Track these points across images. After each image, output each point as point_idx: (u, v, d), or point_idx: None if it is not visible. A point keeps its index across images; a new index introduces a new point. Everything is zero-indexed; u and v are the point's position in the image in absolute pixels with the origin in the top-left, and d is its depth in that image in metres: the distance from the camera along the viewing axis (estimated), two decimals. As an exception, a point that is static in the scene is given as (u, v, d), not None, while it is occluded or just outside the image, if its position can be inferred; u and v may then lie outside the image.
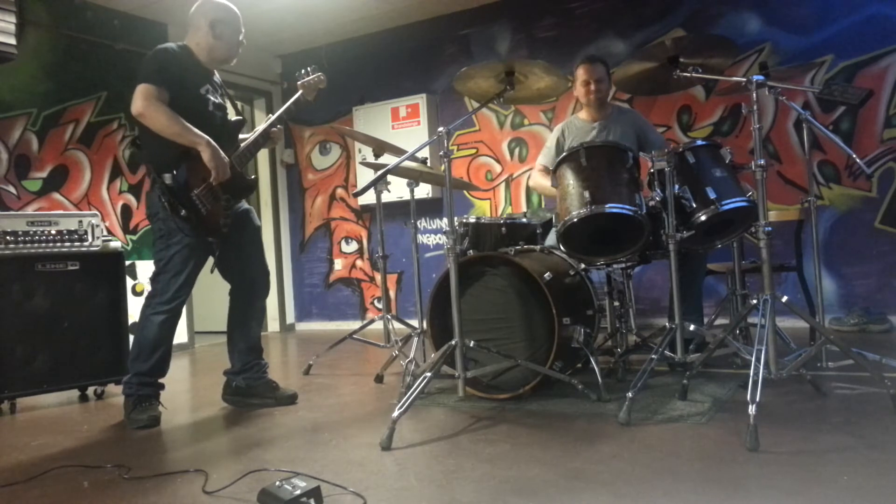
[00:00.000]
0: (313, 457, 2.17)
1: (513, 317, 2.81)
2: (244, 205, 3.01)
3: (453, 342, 2.50)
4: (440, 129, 2.56)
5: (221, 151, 2.71)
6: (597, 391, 2.65)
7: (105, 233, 3.53)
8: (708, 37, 3.73)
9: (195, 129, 2.66)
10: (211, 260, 2.92)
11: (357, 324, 4.89)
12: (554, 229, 2.96)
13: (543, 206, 5.36)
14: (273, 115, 3.04)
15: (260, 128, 3.00)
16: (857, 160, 2.83)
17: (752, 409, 1.99)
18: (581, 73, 3.52)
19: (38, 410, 3.20)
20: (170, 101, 2.66)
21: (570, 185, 2.71)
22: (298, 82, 3.07)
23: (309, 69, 3.11)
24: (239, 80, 5.88)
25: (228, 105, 2.98)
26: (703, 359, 2.59)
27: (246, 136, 3.00)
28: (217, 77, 2.95)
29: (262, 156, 6.43)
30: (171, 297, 2.74)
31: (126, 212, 5.03)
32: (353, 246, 6.26)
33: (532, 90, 2.92)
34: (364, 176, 5.90)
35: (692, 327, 2.71)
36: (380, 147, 3.57)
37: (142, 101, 2.61)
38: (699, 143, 2.78)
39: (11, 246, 3.19)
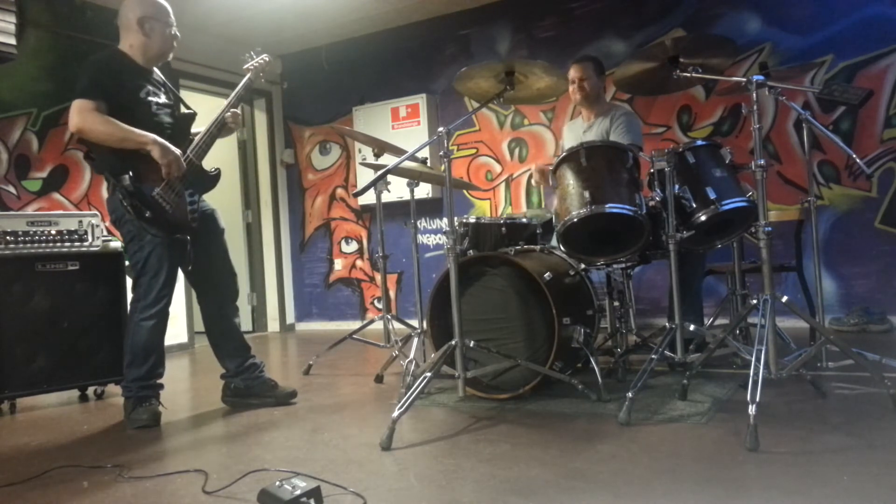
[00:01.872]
0: (313, 457, 2.17)
1: (513, 317, 2.81)
2: (208, 205, 2.96)
3: (453, 342, 2.50)
4: (440, 129, 2.56)
5: (171, 146, 2.68)
6: (597, 391, 2.65)
7: (105, 233, 3.53)
8: (708, 37, 3.73)
9: (138, 130, 2.63)
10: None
11: (357, 324, 4.89)
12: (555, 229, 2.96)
13: (543, 206, 5.36)
14: (226, 101, 2.99)
15: (214, 118, 2.93)
16: (857, 160, 2.83)
17: (752, 409, 1.99)
18: (570, 74, 3.56)
19: (38, 410, 3.20)
20: (110, 111, 2.62)
21: (570, 185, 2.71)
22: (245, 66, 3.07)
23: (253, 52, 3.11)
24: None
25: (175, 101, 2.93)
26: (703, 359, 2.59)
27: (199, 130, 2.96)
28: (158, 75, 2.91)
29: (262, 156, 6.44)
30: (155, 298, 2.72)
31: (126, 212, 5.02)
32: (353, 246, 6.26)
33: (532, 90, 2.92)
34: (364, 176, 5.90)
35: (692, 327, 2.71)
36: (380, 147, 3.57)
37: (77, 116, 2.59)
38: (699, 143, 2.78)
39: (11, 246, 3.19)
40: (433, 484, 1.85)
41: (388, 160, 3.26)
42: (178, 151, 2.70)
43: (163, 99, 2.85)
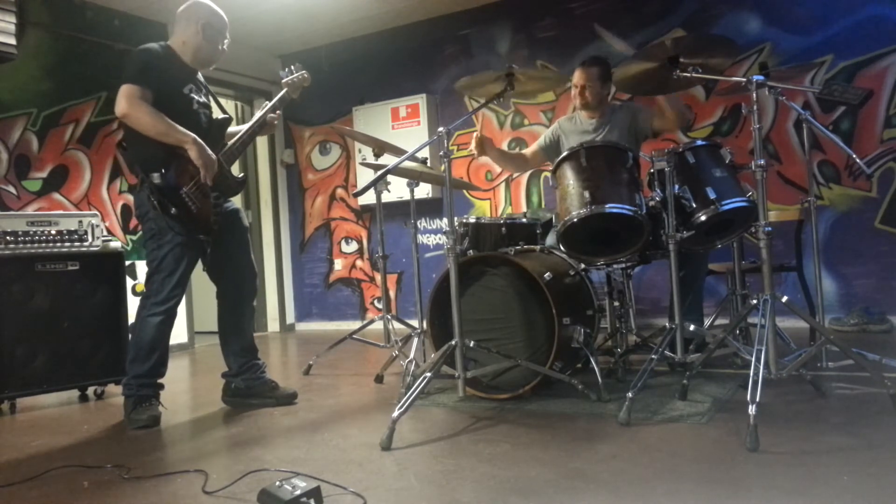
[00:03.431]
0: (313, 457, 2.17)
1: (513, 317, 2.81)
2: (233, 204, 3.00)
3: (453, 342, 2.50)
4: (440, 129, 2.56)
5: (208, 148, 2.71)
6: (597, 391, 2.65)
7: (105, 233, 3.53)
8: (708, 37, 3.73)
9: (181, 127, 2.66)
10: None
11: (357, 324, 4.89)
12: (554, 229, 2.96)
13: (543, 206, 5.36)
14: (259, 112, 3.02)
15: (246, 126, 2.99)
16: (857, 160, 2.83)
17: (752, 409, 1.99)
18: (573, 78, 3.49)
19: (38, 410, 3.20)
20: (154, 101, 2.65)
21: (570, 185, 2.71)
22: (283, 80, 3.09)
23: (292, 67, 3.12)
24: (239, 80, 5.89)
25: (213, 104, 2.97)
26: (703, 359, 2.58)
27: (236, 130, 3.00)
28: (200, 76, 2.94)
29: (262, 156, 6.44)
30: (165, 297, 2.74)
31: (126, 212, 5.02)
32: (353, 246, 6.26)
33: (534, 85, 2.92)
34: (364, 176, 5.90)
35: (692, 327, 2.71)
36: (380, 147, 3.57)
37: (125, 101, 2.60)
38: (699, 143, 2.78)
39: (11, 246, 3.19)
40: (433, 484, 1.85)
41: (388, 160, 3.26)
42: (213, 155, 2.73)
43: (203, 99, 2.88)
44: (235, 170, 2.99)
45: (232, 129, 3.02)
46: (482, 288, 2.88)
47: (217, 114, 2.96)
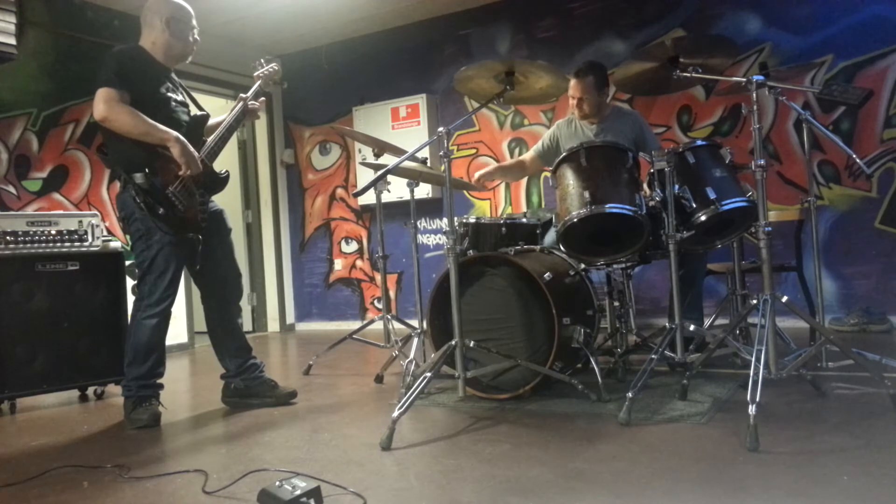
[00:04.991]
0: (313, 457, 2.17)
1: (513, 317, 2.81)
2: (216, 205, 2.98)
3: (453, 342, 2.50)
4: (440, 129, 2.56)
5: (190, 146, 2.70)
6: (597, 391, 2.65)
7: (105, 233, 3.53)
8: (708, 37, 3.74)
9: (161, 125, 2.64)
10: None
11: (357, 324, 4.89)
12: (553, 228, 2.96)
13: (543, 206, 5.36)
14: (234, 108, 3.00)
15: (225, 122, 2.97)
16: (857, 160, 2.84)
17: (752, 409, 1.99)
18: (569, 88, 3.40)
19: (38, 410, 3.20)
20: (131, 103, 2.63)
21: (570, 185, 2.71)
22: (255, 73, 3.10)
23: (263, 60, 3.14)
24: (239, 79, 5.88)
25: (189, 101, 2.96)
26: (703, 359, 2.59)
27: (216, 122, 3.00)
28: (174, 75, 2.92)
29: (262, 156, 6.44)
30: (159, 298, 2.73)
31: (126, 212, 5.02)
32: (353, 246, 6.26)
33: (533, 90, 2.92)
34: (364, 176, 5.90)
35: (692, 327, 2.71)
36: (380, 147, 3.57)
37: (103, 104, 2.59)
38: (699, 143, 2.78)
39: (11, 246, 3.19)
40: (433, 484, 1.85)
41: (388, 160, 3.26)
42: (196, 152, 2.72)
43: (180, 97, 2.88)
44: (231, 166, 2.98)
45: (212, 121, 3.01)
46: (482, 288, 2.88)
47: (194, 110, 2.94)
